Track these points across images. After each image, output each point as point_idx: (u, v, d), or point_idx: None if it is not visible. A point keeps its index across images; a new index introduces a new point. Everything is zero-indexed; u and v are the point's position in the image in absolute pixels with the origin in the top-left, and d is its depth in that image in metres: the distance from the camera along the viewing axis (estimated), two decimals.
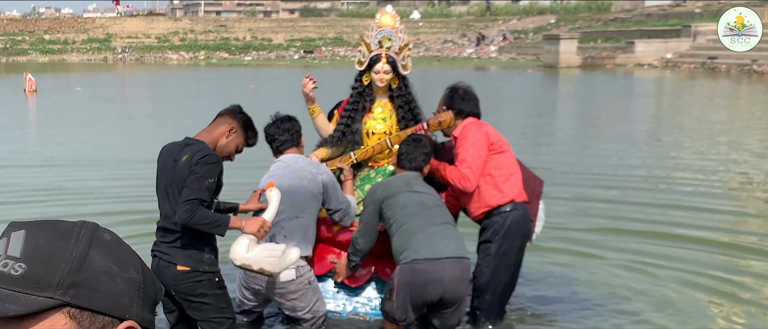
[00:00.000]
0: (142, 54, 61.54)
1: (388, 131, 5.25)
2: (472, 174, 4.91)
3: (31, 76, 25.66)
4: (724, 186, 10.37)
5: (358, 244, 4.88)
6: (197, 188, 3.99)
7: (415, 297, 4.58)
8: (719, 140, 14.52)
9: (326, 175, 4.89)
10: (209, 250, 4.23)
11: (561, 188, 9.24)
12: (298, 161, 4.94)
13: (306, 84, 5.24)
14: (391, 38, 5.12)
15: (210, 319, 4.29)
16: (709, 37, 39.80)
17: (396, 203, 4.69)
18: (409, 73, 5.26)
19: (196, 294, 4.21)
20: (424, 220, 4.64)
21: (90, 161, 12.11)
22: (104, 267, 0.92)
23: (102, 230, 0.96)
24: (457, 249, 4.63)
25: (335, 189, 4.91)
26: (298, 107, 5.44)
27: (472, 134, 4.97)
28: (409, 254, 4.56)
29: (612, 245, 7.30)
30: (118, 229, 7.53)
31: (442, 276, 4.52)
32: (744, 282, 6.36)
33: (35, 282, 0.89)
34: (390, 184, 4.81)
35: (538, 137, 15.22)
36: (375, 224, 4.80)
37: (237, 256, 4.30)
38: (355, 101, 5.25)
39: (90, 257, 0.92)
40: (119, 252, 0.95)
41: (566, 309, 5.68)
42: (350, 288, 5.28)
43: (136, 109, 22.18)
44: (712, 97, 24.59)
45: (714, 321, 5.55)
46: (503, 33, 62.43)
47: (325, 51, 62.99)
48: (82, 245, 0.92)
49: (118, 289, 0.93)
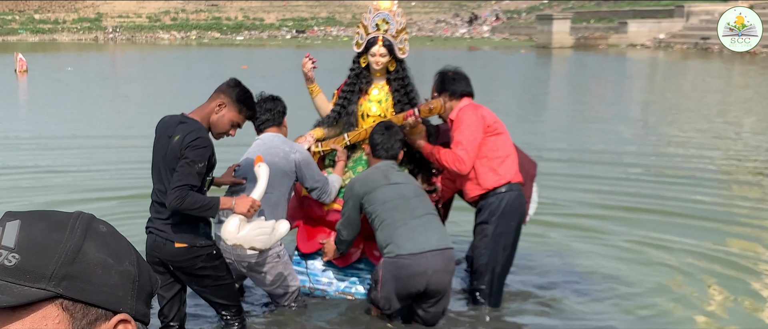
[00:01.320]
0: (133, 34, 61.19)
1: (383, 114, 5.27)
2: (466, 156, 4.93)
3: (22, 57, 25.49)
4: (716, 163, 10.48)
5: (341, 235, 4.98)
6: (187, 174, 4.03)
7: (400, 290, 4.64)
8: (712, 120, 14.55)
9: (299, 154, 4.93)
10: (203, 225, 4.31)
11: (554, 165, 9.29)
12: (274, 139, 4.99)
13: (305, 63, 5.30)
14: (388, 21, 5.13)
15: (210, 287, 4.41)
16: (701, 18, 39.81)
17: (375, 199, 4.71)
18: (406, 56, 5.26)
19: (196, 268, 4.32)
20: (405, 214, 4.66)
21: (81, 140, 12.08)
22: (98, 259, 0.92)
23: (97, 222, 0.96)
24: (439, 240, 4.65)
25: (309, 168, 4.93)
26: (288, 87, 5.44)
27: (468, 117, 4.99)
28: (392, 249, 4.60)
29: (608, 223, 7.39)
30: (108, 204, 7.58)
31: (425, 269, 4.56)
32: (734, 253, 6.46)
33: (28, 273, 0.89)
34: (368, 178, 4.81)
35: (530, 116, 15.23)
36: (356, 218, 4.86)
37: (228, 236, 4.33)
38: (352, 83, 5.26)
39: (84, 249, 0.91)
40: (114, 244, 0.95)
41: (563, 288, 5.72)
42: (338, 268, 5.35)
43: (128, 89, 22.08)
44: (705, 78, 24.61)
45: (709, 298, 5.58)
46: (496, 13, 62.25)
47: (317, 31, 62.71)
48: (77, 236, 0.92)
49: (112, 281, 0.92)
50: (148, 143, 4.39)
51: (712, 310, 5.45)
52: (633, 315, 5.32)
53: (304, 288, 5.32)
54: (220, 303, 4.52)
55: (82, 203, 7.63)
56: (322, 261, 5.35)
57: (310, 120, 5.53)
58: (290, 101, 5.37)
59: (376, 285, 4.74)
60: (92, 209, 7.87)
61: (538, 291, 5.66)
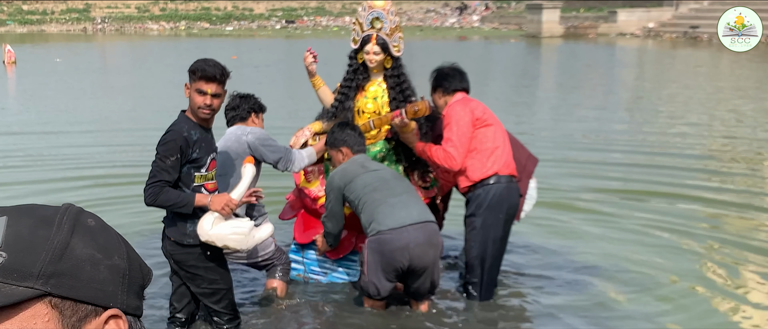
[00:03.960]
0: (122, 24, 60.87)
1: (377, 111, 5.32)
2: (456, 153, 4.97)
3: (10, 48, 25.32)
4: (706, 148, 10.59)
5: (327, 227, 5.08)
6: (159, 169, 4.08)
7: (385, 267, 4.71)
8: (702, 107, 14.62)
9: (251, 135, 5.04)
10: (192, 223, 4.28)
11: (545, 150, 9.33)
12: (233, 129, 5.17)
13: (306, 58, 5.35)
14: (382, 19, 5.17)
15: (203, 289, 4.43)
16: (691, 6, 39.89)
17: (356, 186, 4.82)
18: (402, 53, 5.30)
19: (188, 265, 4.35)
20: (384, 193, 4.77)
21: (71, 129, 12.04)
22: (87, 254, 0.90)
23: (86, 216, 0.94)
24: (420, 214, 4.74)
25: (265, 145, 5.01)
26: (280, 78, 5.45)
27: (456, 113, 5.04)
28: (374, 227, 4.70)
29: (600, 206, 7.46)
30: (97, 191, 7.59)
31: (408, 242, 4.64)
32: (727, 236, 6.56)
33: (15, 272, 0.86)
34: (346, 171, 4.92)
35: (521, 106, 15.24)
36: (339, 210, 4.98)
37: (201, 233, 4.29)
38: (349, 79, 5.32)
39: (72, 244, 0.90)
40: (103, 238, 0.93)
41: (556, 277, 5.75)
42: (332, 260, 5.49)
43: (117, 80, 21.99)
44: (695, 66, 24.67)
45: (702, 276, 5.61)
46: (486, 2, 62.22)
47: (307, 21, 62.54)
48: (64, 232, 0.90)
49: (101, 277, 0.91)
50: (138, 131, 4.40)
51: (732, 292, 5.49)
52: (632, 299, 5.36)
53: (299, 277, 5.49)
54: (213, 308, 4.51)
55: (73, 189, 7.63)
56: (317, 252, 5.48)
57: (300, 110, 5.55)
58: (280, 90, 5.40)
59: (362, 267, 4.83)
60: (83, 193, 7.83)
61: (530, 281, 5.68)
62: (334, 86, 5.50)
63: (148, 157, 4.43)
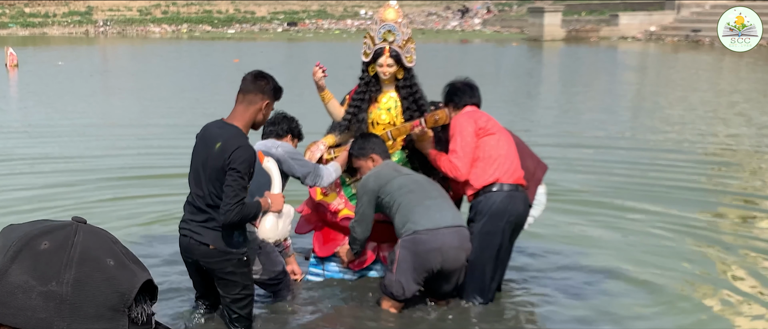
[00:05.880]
0: (124, 27, 60.89)
1: (392, 122, 5.36)
2: (461, 163, 5.02)
3: (13, 51, 25.31)
4: (708, 150, 10.63)
5: (355, 233, 5.11)
6: (240, 187, 4.07)
7: (417, 266, 4.76)
8: (704, 108, 14.63)
9: (280, 148, 5.11)
10: (239, 233, 4.31)
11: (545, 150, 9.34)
12: (264, 142, 5.22)
13: (316, 72, 5.36)
14: (394, 32, 5.23)
15: (234, 295, 4.43)
16: (692, 10, 39.85)
17: (391, 188, 4.90)
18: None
19: (225, 271, 4.35)
20: (420, 195, 4.87)
21: (73, 132, 12.05)
22: (21, 281, 0.89)
23: (40, 240, 0.92)
24: (454, 218, 4.87)
25: (294, 158, 5.07)
26: (281, 80, 5.46)
27: (460, 124, 5.09)
28: (409, 226, 4.77)
29: (600, 206, 7.51)
30: (97, 193, 7.60)
31: (441, 244, 4.73)
32: (728, 238, 6.63)
33: None
34: (380, 174, 4.99)
35: (524, 107, 15.25)
36: (370, 215, 5.02)
37: (270, 235, 4.45)
38: (361, 91, 5.36)
39: (10, 271, 0.90)
40: (45, 264, 0.91)
41: (556, 277, 5.76)
42: (353, 271, 5.53)
43: (120, 82, 22.01)
44: (697, 70, 24.67)
45: (703, 271, 5.62)
46: (487, 5, 62.20)
47: (308, 24, 62.56)
48: (7, 259, 0.90)
49: (32, 304, 0.89)
50: (142, 133, 4.41)
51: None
52: (632, 296, 5.36)
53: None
54: (238, 313, 4.50)
55: (73, 191, 7.65)
56: (338, 265, 5.52)
57: (302, 112, 5.57)
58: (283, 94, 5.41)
59: (391, 266, 4.84)
60: (83, 195, 7.80)
61: (530, 282, 5.69)
62: (337, 89, 5.51)
63: (148, 158, 4.44)
